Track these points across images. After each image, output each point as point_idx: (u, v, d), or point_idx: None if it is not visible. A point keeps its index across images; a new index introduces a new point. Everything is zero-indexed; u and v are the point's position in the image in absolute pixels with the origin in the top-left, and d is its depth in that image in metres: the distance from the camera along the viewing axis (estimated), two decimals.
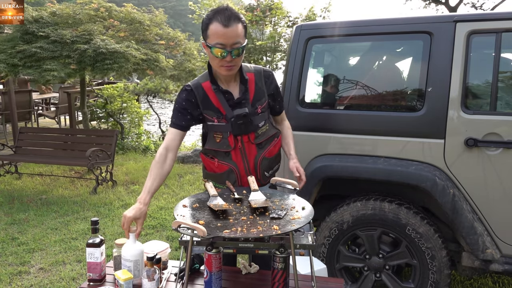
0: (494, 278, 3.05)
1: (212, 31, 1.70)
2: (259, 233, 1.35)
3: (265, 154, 1.94)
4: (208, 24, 1.71)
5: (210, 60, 1.82)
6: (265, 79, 1.95)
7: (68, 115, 8.64)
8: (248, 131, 1.88)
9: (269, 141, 1.96)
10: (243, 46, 1.75)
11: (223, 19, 1.68)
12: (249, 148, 1.91)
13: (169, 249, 1.82)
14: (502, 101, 2.28)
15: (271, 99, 1.99)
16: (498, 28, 2.21)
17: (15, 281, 3.07)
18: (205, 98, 1.87)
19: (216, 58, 1.74)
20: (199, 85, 1.88)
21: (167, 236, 3.86)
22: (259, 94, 1.92)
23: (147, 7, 7.21)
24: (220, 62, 1.75)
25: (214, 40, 1.71)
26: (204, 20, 1.75)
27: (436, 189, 2.23)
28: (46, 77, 4.99)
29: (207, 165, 1.98)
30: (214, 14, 1.70)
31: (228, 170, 1.92)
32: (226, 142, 1.88)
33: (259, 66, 1.98)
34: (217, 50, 1.71)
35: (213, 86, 1.85)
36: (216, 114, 1.87)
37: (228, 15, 1.68)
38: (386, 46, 2.63)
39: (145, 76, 7.07)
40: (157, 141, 8.44)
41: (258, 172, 1.94)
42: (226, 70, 1.78)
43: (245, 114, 1.84)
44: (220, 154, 1.92)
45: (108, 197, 5.00)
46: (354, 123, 2.51)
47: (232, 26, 1.69)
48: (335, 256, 2.54)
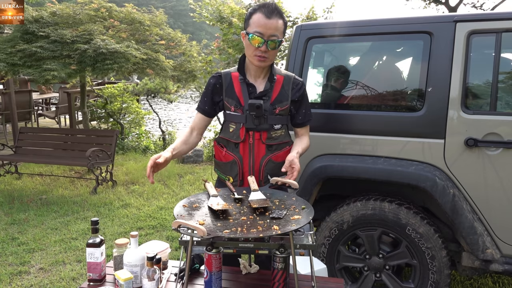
0: (494, 278, 3.05)
1: (254, 20, 1.82)
2: (259, 233, 1.35)
3: (273, 157, 1.94)
4: (252, 14, 1.83)
5: (245, 48, 1.89)
6: (293, 85, 1.98)
7: (68, 115, 8.64)
8: (261, 128, 1.90)
9: (280, 147, 1.96)
10: (280, 40, 1.83)
11: (267, 11, 1.80)
12: (258, 147, 1.93)
13: (169, 249, 1.82)
14: (502, 101, 2.28)
15: (293, 105, 1.99)
16: (498, 28, 2.21)
17: (15, 281, 3.07)
18: (230, 86, 1.95)
19: (252, 47, 1.82)
20: (228, 73, 1.97)
21: (167, 236, 3.86)
22: (282, 96, 1.95)
23: (147, 7, 7.21)
24: (255, 51, 1.83)
25: (253, 28, 1.81)
26: (249, 11, 1.87)
27: (436, 189, 2.23)
28: (46, 77, 4.98)
29: (217, 153, 2.04)
30: (260, 7, 1.82)
31: (232, 162, 1.94)
32: (237, 133, 1.93)
33: (292, 73, 2.02)
34: (254, 38, 1.80)
35: (240, 77, 1.94)
36: (235, 103, 1.93)
37: (272, 9, 1.81)
38: (386, 46, 2.63)
39: (145, 76, 7.07)
40: (157, 141, 8.44)
41: (262, 173, 1.94)
42: (258, 61, 1.84)
43: (258, 105, 1.86)
44: (230, 145, 1.96)
45: (108, 197, 5.00)
46: (354, 123, 2.51)
47: (274, 19, 1.80)
48: (335, 256, 2.54)
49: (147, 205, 4.72)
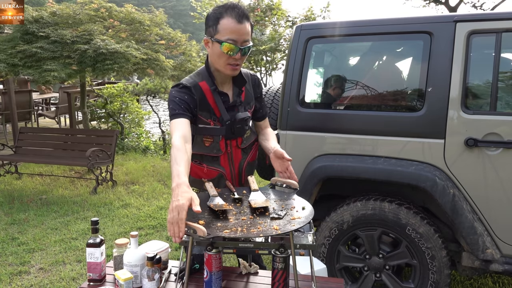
0: (494, 278, 3.05)
1: (224, 25, 1.64)
2: (259, 233, 1.35)
3: (249, 158, 1.92)
4: (219, 18, 1.65)
5: (215, 57, 1.72)
6: (253, 82, 1.93)
7: (68, 115, 8.64)
8: (237, 135, 1.84)
9: (251, 145, 1.93)
10: (250, 46, 1.71)
11: (237, 15, 1.63)
12: (236, 153, 1.87)
13: (169, 249, 1.82)
14: (502, 101, 2.28)
15: (257, 102, 1.95)
16: (498, 28, 2.21)
17: (15, 281, 3.07)
18: (203, 99, 1.77)
19: (224, 56, 1.67)
20: (196, 84, 1.77)
21: (167, 236, 3.86)
22: (248, 97, 1.89)
23: (147, 7, 7.21)
24: (228, 60, 1.68)
25: (225, 36, 1.64)
26: (213, 15, 1.68)
27: (436, 189, 2.23)
28: (46, 78, 4.99)
29: (195, 172, 1.84)
30: (226, 10, 1.65)
31: (219, 176, 1.85)
32: (217, 146, 1.80)
33: (246, 70, 1.92)
34: (227, 46, 1.64)
35: (211, 87, 1.77)
36: (212, 116, 1.78)
37: (241, 12, 1.65)
38: (386, 46, 2.63)
39: (145, 76, 7.07)
40: (157, 141, 8.43)
41: (243, 176, 1.91)
42: (231, 69, 1.71)
43: (246, 118, 1.81)
44: (207, 159, 1.83)
45: (108, 197, 5.00)
46: (354, 123, 2.51)
47: (245, 23, 1.65)
48: (335, 256, 2.54)
49: (147, 205, 4.72)
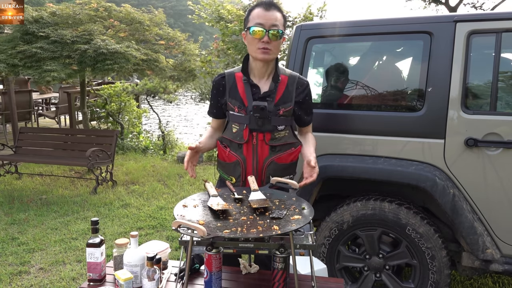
0: (494, 278, 3.05)
1: (253, 15, 1.85)
2: (259, 233, 1.35)
3: (275, 158, 1.93)
4: (251, 11, 1.87)
5: (248, 46, 1.89)
6: (298, 85, 1.97)
7: (68, 115, 8.64)
8: (264, 129, 1.89)
9: (284, 148, 1.95)
10: (282, 32, 1.84)
11: (264, 4, 1.84)
12: (261, 147, 1.92)
13: (169, 249, 1.82)
14: (502, 101, 2.28)
15: (298, 107, 1.97)
16: (498, 28, 2.20)
17: (15, 281, 3.07)
18: (233, 87, 1.94)
19: (254, 40, 1.82)
20: (232, 74, 1.96)
21: (167, 236, 3.86)
22: (286, 97, 1.93)
23: (146, 7, 7.21)
24: (258, 44, 1.82)
25: (253, 22, 1.83)
26: (247, 11, 1.89)
27: (436, 189, 2.23)
28: (46, 78, 4.99)
29: (220, 152, 2.02)
30: (257, 4, 1.86)
31: (235, 162, 1.94)
32: (240, 134, 1.91)
33: (296, 73, 2.01)
34: (255, 30, 1.81)
35: (243, 77, 1.93)
36: (239, 104, 1.91)
37: (270, 2, 1.85)
38: (386, 46, 2.63)
39: (145, 76, 7.07)
40: (157, 141, 8.43)
41: (264, 173, 1.94)
42: (262, 53, 1.83)
43: (262, 107, 1.85)
44: (233, 145, 1.95)
45: (108, 197, 5.00)
46: (354, 123, 2.51)
47: (272, 11, 1.83)
48: (335, 256, 2.54)
49: (147, 205, 4.72)
